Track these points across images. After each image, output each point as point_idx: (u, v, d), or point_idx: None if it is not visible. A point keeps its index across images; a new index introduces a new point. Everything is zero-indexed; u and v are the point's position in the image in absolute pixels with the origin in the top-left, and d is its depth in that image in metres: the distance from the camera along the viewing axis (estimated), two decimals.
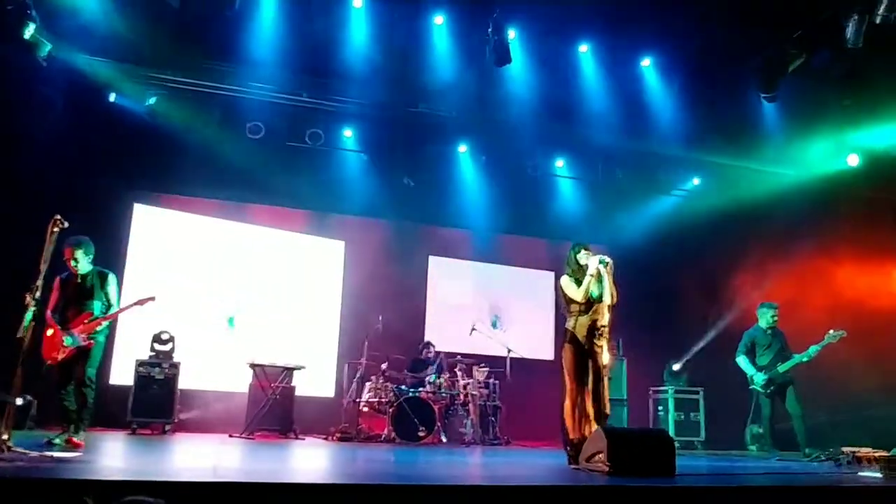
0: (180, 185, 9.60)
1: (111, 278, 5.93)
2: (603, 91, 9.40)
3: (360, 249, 10.54)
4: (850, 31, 7.28)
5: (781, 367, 7.81)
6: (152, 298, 6.06)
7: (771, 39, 8.20)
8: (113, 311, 5.87)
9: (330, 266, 10.62)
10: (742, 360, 8.03)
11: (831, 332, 7.72)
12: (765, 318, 8.08)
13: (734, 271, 10.40)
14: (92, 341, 5.69)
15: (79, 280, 5.78)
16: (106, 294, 5.85)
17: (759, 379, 7.88)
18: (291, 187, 9.77)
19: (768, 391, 7.86)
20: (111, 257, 8.42)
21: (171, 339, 8.46)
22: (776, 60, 8.23)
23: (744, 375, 8.10)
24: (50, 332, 5.66)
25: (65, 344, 5.61)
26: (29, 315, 4.76)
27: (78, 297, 5.76)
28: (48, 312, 5.69)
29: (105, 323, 5.78)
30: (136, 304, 5.96)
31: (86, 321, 5.68)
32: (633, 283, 8.15)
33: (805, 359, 7.76)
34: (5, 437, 4.38)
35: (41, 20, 7.55)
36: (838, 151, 9.61)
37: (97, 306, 5.76)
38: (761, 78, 8.40)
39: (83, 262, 5.77)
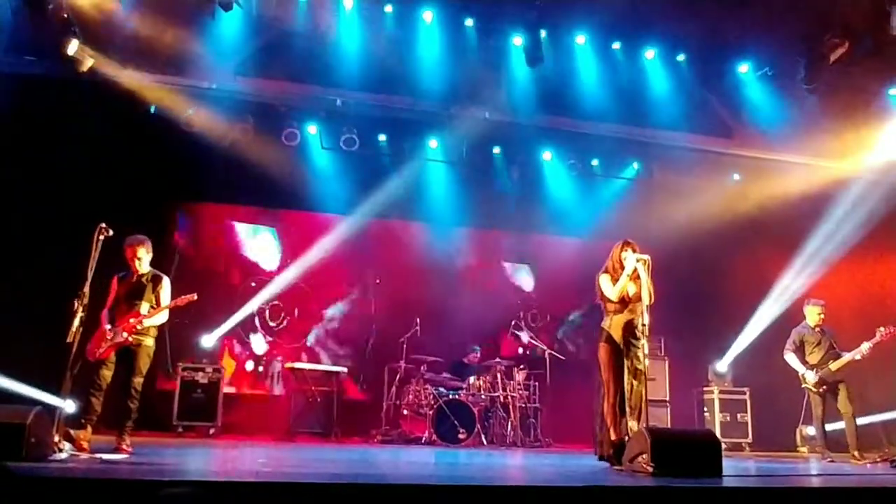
0: (220, 193, 9.76)
1: (166, 281, 5.84)
2: (633, 87, 9.32)
3: (397, 253, 10.56)
4: None
5: (833, 365, 7.57)
6: (192, 298, 5.81)
7: (813, 29, 7.99)
8: (158, 310, 5.71)
9: (367, 270, 10.67)
10: (791, 358, 7.79)
11: (882, 328, 7.48)
12: (812, 316, 7.85)
13: (778, 269, 10.14)
14: (131, 340, 5.56)
15: (134, 279, 5.72)
16: (157, 296, 5.75)
17: (810, 377, 7.65)
18: (328, 192, 9.86)
19: (820, 390, 7.63)
20: (155, 264, 8.62)
21: (215, 344, 8.61)
22: (818, 50, 8.03)
23: (792, 374, 7.87)
24: (101, 328, 5.58)
25: (107, 339, 5.51)
26: (77, 321, 4.90)
27: (129, 297, 5.67)
28: (104, 311, 5.65)
29: (149, 322, 5.64)
30: (177, 302, 5.74)
31: (130, 319, 5.59)
32: (676, 282, 8.01)
33: (857, 356, 7.52)
34: (57, 439, 4.51)
35: (83, 36, 7.76)
36: (887, 142, 9.31)
37: (145, 307, 5.66)
38: (803, 69, 8.20)
39: (145, 261, 5.74)
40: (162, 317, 5.75)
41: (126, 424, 5.54)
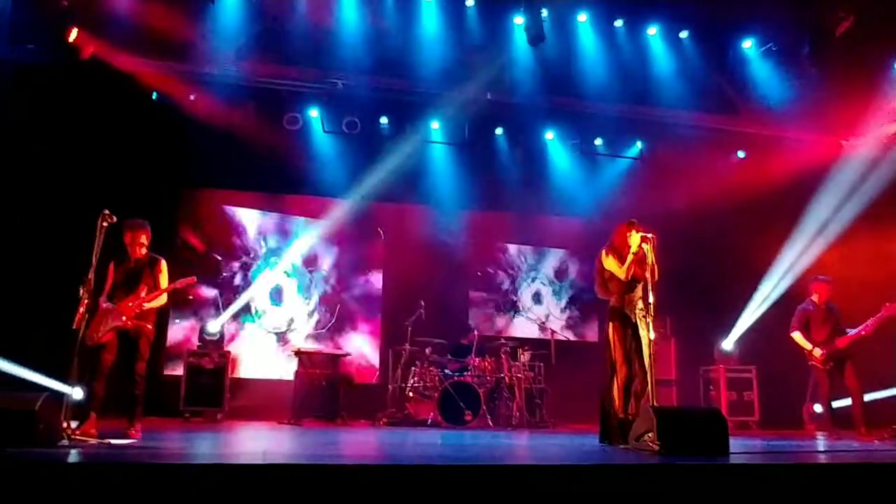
0: (222, 178, 9.74)
1: (163, 264, 5.82)
2: (636, 66, 9.24)
3: (401, 236, 10.54)
4: None
5: (839, 342, 7.57)
6: (192, 281, 5.89)
7: (818, 3, 7.90)
8: (158, 293, 5.70)
9: (371, 253, 10.67)
10: (797, 336, 7.78)
11: (888, 304, 7.46)
12: (818, 293, 7.83)
13: (784, 246, 10.08)
14: (131, 324, 5.55)
15: (132, 264, 5.68)
16: (156, 279, 5.72)
17: (817, 354, 7.64)
18: (330, 176, 9.83)
19: (826, 367, 7.63)
20: (159, 252, 8.62)
21: (220, 330, 8.63)
22: (824, 25, 7.93)
23: (799, 352, 7.85)
24: (100, 311, 5.52)
25: (107, 322, 5.47)
26: (82, 307, 4.91)
27: (127, 281, 5.64)
28: (102, 297, 5.58)
29: (149, 305, 5.63)
30: (175, 285, 5.72)
31: (130, 304, 5.56)
32: (681, 261, 7.99)
33: (863, 332, 7.51)
34: (66, 424, 4.54)
35: (84, 23, 7.72)
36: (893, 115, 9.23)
37: (144, 291, 5.64)
38: (809, 43, 8.11)
39: (145, 246, 5.71)
40: (161, 300, 5.75)
41: (135, 410, 5.55)
